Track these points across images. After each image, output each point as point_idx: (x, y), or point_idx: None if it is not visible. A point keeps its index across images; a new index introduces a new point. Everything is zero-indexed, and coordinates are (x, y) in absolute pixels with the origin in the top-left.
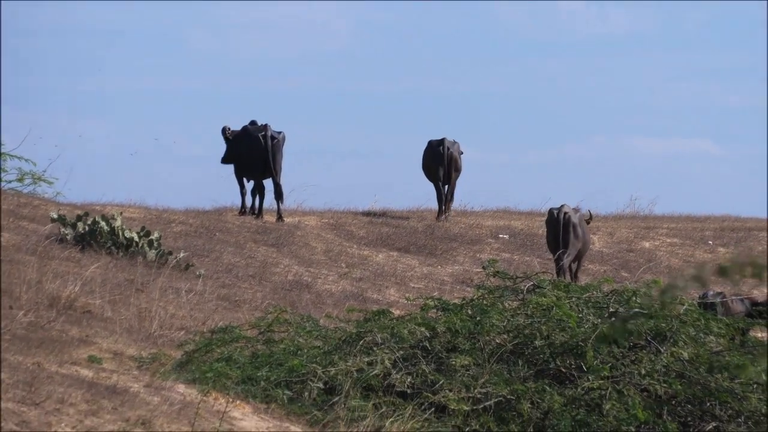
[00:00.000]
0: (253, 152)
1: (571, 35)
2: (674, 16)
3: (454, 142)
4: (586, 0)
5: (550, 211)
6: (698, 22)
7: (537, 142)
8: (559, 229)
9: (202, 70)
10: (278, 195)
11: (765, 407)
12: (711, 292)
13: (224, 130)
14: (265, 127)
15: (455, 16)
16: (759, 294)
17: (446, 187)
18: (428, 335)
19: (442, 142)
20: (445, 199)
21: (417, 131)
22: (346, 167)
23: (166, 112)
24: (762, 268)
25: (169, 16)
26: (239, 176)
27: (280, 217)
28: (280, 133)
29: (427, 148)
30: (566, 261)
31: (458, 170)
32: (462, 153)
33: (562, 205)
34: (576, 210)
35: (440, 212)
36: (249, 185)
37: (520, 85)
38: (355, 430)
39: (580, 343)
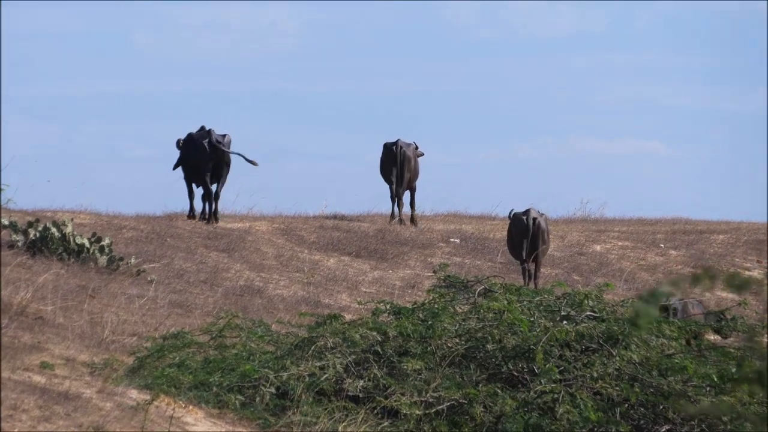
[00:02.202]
0: (198, 158)
1: (519, 35)
2: (623, 16)
3: (410, 144)
4: (535, 0)
5: (516, 215)
6: (647, 22)
7: (484, 143)
8: (529, 236)
9: (149, 73)
10: (215, 197)
11: (717, 409)
12: (676, 301)
13: (177, 143)
14: (209, 132)
15: (404, 15)
16: (710, 297)
17: (399, 189)
18: (380, 339)
19: (395, 143)
20: (401, 203)
21: (367, 133)
22: (296, 170)
23: (114, 115)
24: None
25: (115, 18)
26: (187, 182)
27: (210, 219)
28: (224, 136)
29: (382, 149)
30: (532, 266)
31: (412, 171)
32: (422, 155)
33: (528, 210)
34: (541, 213)
35: (393, 216)
36: (199, 190)
37: (467, 84)
38: None
39: (532, 346)
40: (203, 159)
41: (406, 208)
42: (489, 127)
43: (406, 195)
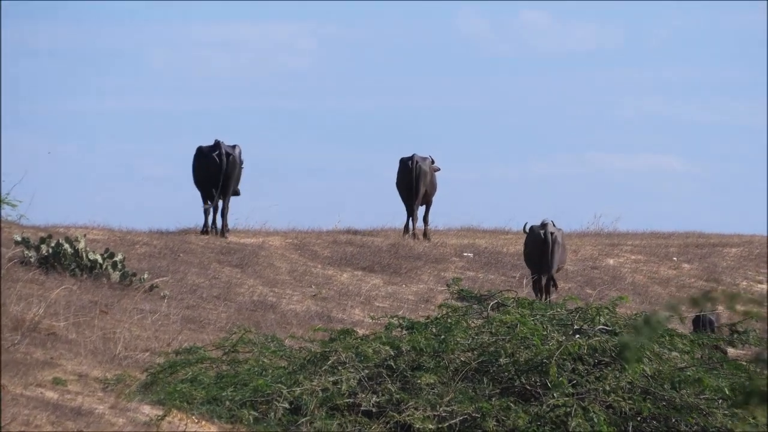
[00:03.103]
0: (206, 171)
1: (534, 51)
2: (638, 31)
3: (425, 158)
4: (550, 15)
5: (532, 228)
6: (662, 37)
7: (500, 158)
8: (546, 249)
9: (165, 91)
10: (222, 212)
11: (730, 422)
12: (708, 313)
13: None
14: (217, 144)
15: (420, 31)
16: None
17: (416, 204)
18: (393, 354)
19: (411, 157)
20: (415, 217)
21: (382, 149)
22: (311, 186)
23: (129, 132)
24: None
25: (131, 36)
26: (201, 195)
27: (221, 232)
28: (234, 147)
29: (399, 164)
30: (545, 279)
31: (428, 185)
32: (438, 170)
33: (545, 223)
34: (556, 227)
35: (406, 229)
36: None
37: (482, 100)
38: None
39: (545, 360)
40: (211, 172)
41: (420, 223)
42: (505, 142)
43: (421, 209)
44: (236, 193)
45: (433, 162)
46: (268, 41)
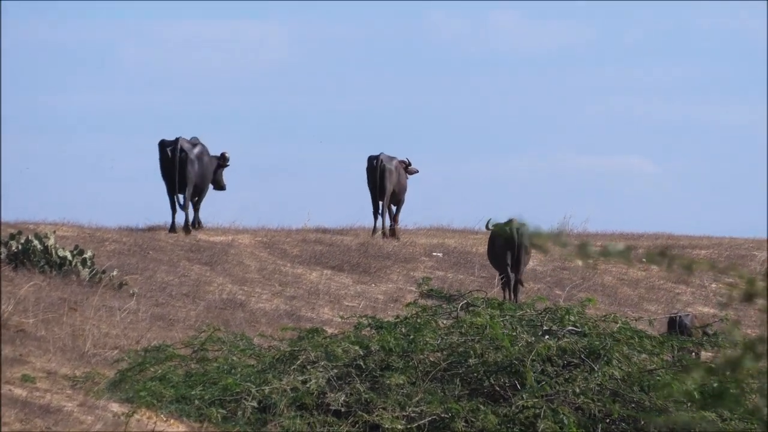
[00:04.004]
0: (164, 165)
1: (504, 51)
2: (609, 31)
3: (392, 158)
4: (520, 15)
5: (498, 226)
6: (632, 38)
7: (470, 158)
8: (514, 247)
9: (136, 87)
10: (182, 207)
11: (698, 425)
12: (681, 312)
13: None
14: (176, 140)
15: (391, 31)
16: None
17: (384, 202)
18: (362, 354)
19: (377, 157)
20: (384, 216)
21: (353, 148)
22: (281, 184)
23: (98, 129)
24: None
25: (102, 32)
26: (166, 190)
27: (185, 228)
28: (195, 145)
29: (366, 163)
30: (516, 277)
31: (395, 184)
32: (416, 171)
33: (511, 220)
34: (523, 223)
35: (375, 229)
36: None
37: (452, 99)
38: None
39: (514, 361)
40: (165, 166)
41: (389, 221)
42: (474, 142)
43: (392, 208)
44: (220, 187)
45: (410, 164)
46: (241, 39)
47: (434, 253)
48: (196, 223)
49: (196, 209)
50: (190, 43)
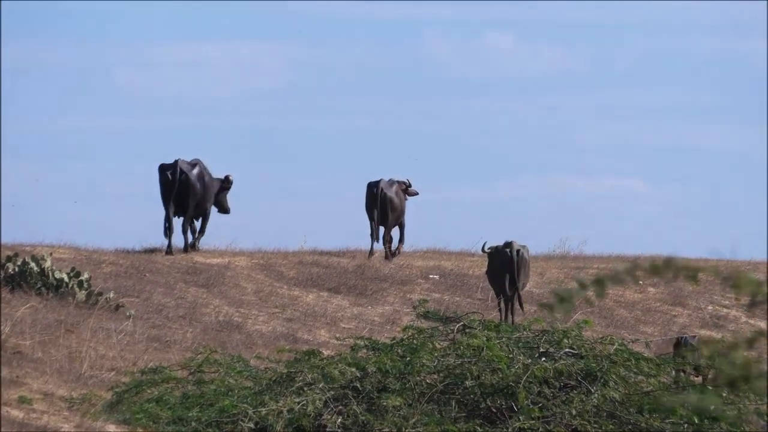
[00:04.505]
0: (163, 188)
1: (499, 73)
2: (604, 55)
3: (391, 184)
4: (515, 37)
5: (499, 249)
6: (627, 61)
7: (466, 181)
8: (514, 268)
9: (129, 109)
10: (182, 231)
11: None
12: (689, 336)
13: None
14: (175, 162)
15: (385, 54)
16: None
17: (387, 228)
18: (359, 375)
19: (377, 183)
20: (384, 241)
21: (347, 170)
22: (277, 206)
23: (94, 151)
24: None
25: (95, 54)
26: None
27: (186, 248)
28: (195, 165)
29: (366, 189)
30: (515, 298)
31: (396, 210)
32: (416, 194)
33: (511, 242)
34: (523, 245)
35: (371, 252)
36: (178, 222)
37: (447, 123)
38: None
39: (511, 383)
40: (166, 189)
41: (394, 244)
42: (470, 165)
43: (396, 232)
44: (224, 210)
45: (410, 185)
46: (234, 61)
47: (431, 276)
48: (197, 245)
49: (202, 232)
50: (182, 65)
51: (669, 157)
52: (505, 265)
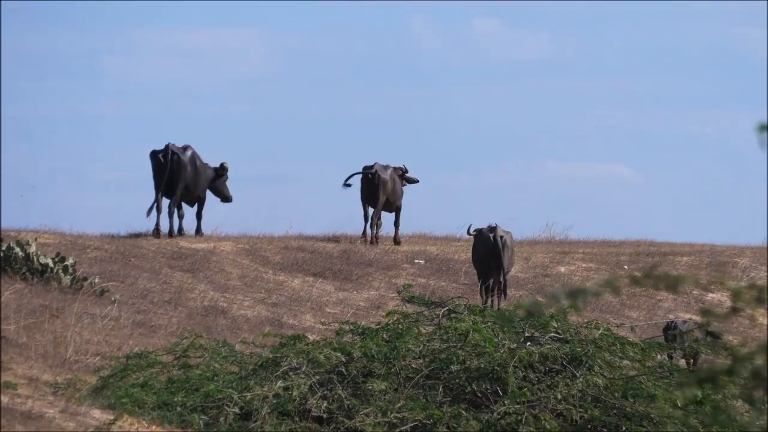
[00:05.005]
0: (156, 172)
1: (486, 59)
2: (591, 41)
3: (386, 167)
4: (503, 23)
5: (481, 232)
6: (615, 47)
7: (452, 166)
8: (497, 252)
9: (117, 96)
10: (168, 214)
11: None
12: (678, 321)
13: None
14: (166, 147)
15: (371, 40)
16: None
17: (376, 211)
18: (344, 360)
19: (372, 167)
20: (371, 225)
21: (334, 156)
22: (263, 191)
23: (80, 138)
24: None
25: (85, 41)
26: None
27: (170, 233)
28: (186, 149)
29: (361, 173)
30: (495, 284)
31: (389, 194)
32: (416, 181)
33: (494, 226)
34: (506, 231)
35: (363, 235)
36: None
37: (434, 109)
38: None
39: (496, 367)
40: (157, 173)
41: (368, 228)
42: (456, 150)
43: (388, 216)
44: (225, 199)
45: (407, 171)
46: (222, 47)
47: (416, 261)
48: (200, 230)
49: (198, 216)
50: (170, 51)
51: (655, 144)
52: (488, 250)
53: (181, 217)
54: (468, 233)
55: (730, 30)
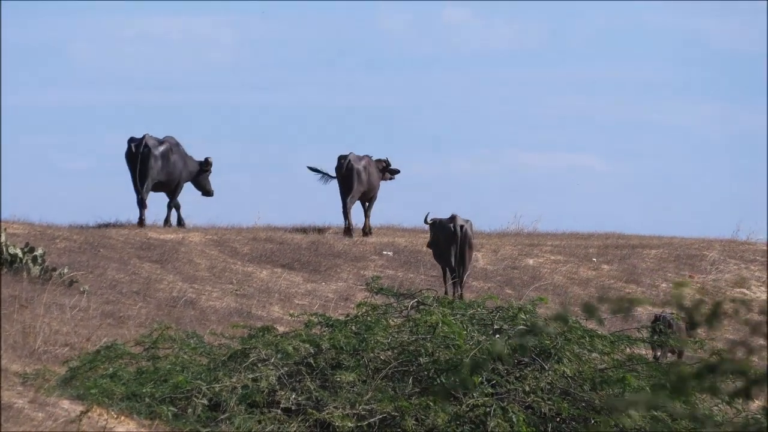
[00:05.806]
0: (128, 162)
1: (455, 48)
2: (560, 30)
3: (361, 158)
4: (472, 13)
5: (443, 223)
6: (583, 36)
7: (419, 156)
8: (458, 243)
9: (85, 84)
10: (138, 204)
11: (649, 425)
12: (667, 314)
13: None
14: (142, 138)
15: (341, 28)
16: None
17: (349, 201)
18: (313, 352)
19: (346, 156)
20: (346, 214)
21: (302, 145)
22: (231, 182)
23: (49, 126)
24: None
25: (52, 29)
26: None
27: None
28: (162, 142)
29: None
30: (465, 276)
31: (364, 184)
32: (397, 171)
33: (454, 216)
34: (466, 220)
35: (346, 228)
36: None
37: (400, 98)
38: None
39: (465, 359)
40: (128, 162)
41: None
42: (424, 140)
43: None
44: (207, 193)
45: (389, 164)
46: (188, 35)
47: (384, 252)
48: (181, 221)
49: (169, 207)
50: (136, 39)
51: (623, 133)
52: (449, 240)
53: (177, 207)
54: (425, 222)
55: (696, 21)
